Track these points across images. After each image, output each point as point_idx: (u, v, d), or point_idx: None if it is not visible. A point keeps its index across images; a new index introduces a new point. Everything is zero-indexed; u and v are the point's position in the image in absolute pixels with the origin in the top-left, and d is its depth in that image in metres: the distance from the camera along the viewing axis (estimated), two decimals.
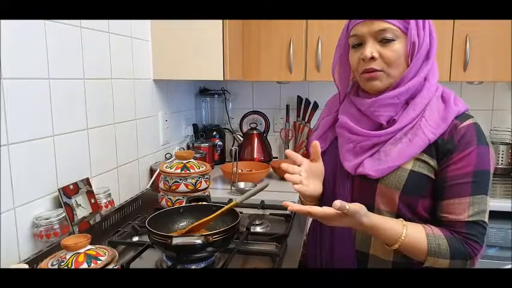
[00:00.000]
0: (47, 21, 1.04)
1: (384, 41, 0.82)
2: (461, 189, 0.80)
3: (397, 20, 0.81)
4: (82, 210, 1.13)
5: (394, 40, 0.82)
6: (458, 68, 1.74)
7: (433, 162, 0.82)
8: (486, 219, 0.81)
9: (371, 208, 0.85)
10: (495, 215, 1.54)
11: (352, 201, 0.86)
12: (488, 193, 0.81)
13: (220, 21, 1.57)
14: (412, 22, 0.82)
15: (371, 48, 0.82)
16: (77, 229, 1.08)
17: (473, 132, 0.81)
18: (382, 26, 0.82)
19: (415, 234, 0.80)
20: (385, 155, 0.84)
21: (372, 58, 0.82)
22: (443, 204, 0.82)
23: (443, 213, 0.82)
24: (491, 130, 2.02)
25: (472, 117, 0.84)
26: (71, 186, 1.11)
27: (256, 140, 2.16)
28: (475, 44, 1.71)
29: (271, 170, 1.89)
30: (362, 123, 0.88)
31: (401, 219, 0.82)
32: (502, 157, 1.94)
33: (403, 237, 0.79)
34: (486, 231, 0.80)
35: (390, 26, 0.81)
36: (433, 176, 0.83)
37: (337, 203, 0.72)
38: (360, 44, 0.85)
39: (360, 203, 0.85)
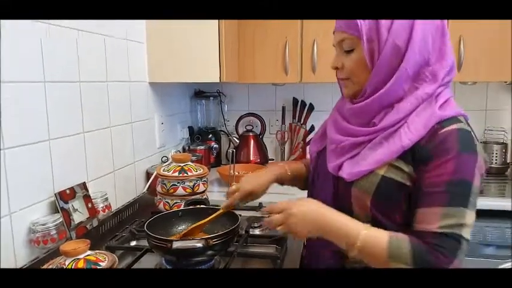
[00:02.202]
0: (42, 24, 1.02)
1: (346, 51, 0.84)
2: (434, 198, 0.75)
3: (353, 29, 0.80)
4: (79, 215, 1.11)
5: (353, 49, 0.82)
6: None
7: (408, 169, 0.78)
8: (465, 234, 0.73)
9: (349, 211, 0.85)
10: (491, 214, 1.56)
11: (333, 202, 0.87)
12: (469, 206, 0.74)
13: (216, 23, 1.57)
14: (365, 27, 0.79)
15: (335, 59, 0.87)
16: (74, 234, 1.07)
17: (455, 138, 0.75)
18: (341, 36, 0.84)
19: (377, 232, 0.77)
20: (362, 158, 0.83)
21: (337, 68, 0.86)
22: (416, 212, 0.77)
23: (415, 222, 0.77)
24: (485, 130, 2.04)
25: (461, 122, 0.78)
26: (68, 191, 1.10)
27: (252, 142, 2.15)
28: (468, 45, 1.72)
29: None
30: (351, 122, 0.89)
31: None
32: (496, 156, 1.96)
33: (363, 233, 0.75)
34: (462, 247, 0.73)
35: (347, 36, 0.82)
36: (408, 183, 0.79)
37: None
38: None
39: (340, 204, 0.86)
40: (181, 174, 1.30)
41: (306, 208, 0.82)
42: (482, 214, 1.56)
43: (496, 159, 1.97)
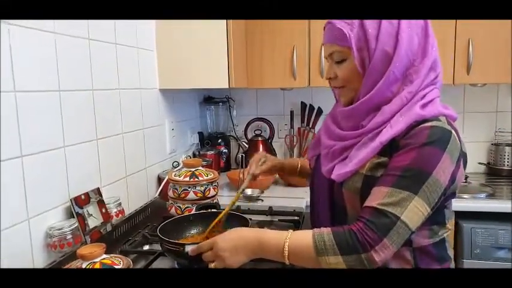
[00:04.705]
0: (56, 34, 1.06)
1: (337, 62, 0.87)
2: (386, 179, 0.77)
3: (343, 41, 0.83)
4: (93, 220, 1.13)
5: (344, 60, 0.85)
6: (462, 71, 1.76)
7: (386, 163, 0.81)
8: (403, 217, 0.73)
9: (344, 212, 0.87)
10: (503, 217, 1.56)
11: (330, 205, 0.91)
12: (419, 194, 0.74)
13: (225, 29, 1.59)
14: (354, 38, 0.81)
15: (328, 70, 0.90)
16: (89, 239, 1.09)
17: (425, 133, 0.77)
18: (330, 49, 0.87)
19: (301, 233, 0.79)
20: (349, 160, 0.85)
21: (330, 78, 0.90)
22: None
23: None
24: (495, 132, 2.03)
25: (440, 121, 0.79)
26: (83, 196, 1.12)
27: (261, 146, 2.17)
28: (477, 46, 1.72)
29: (277, 176, 1.90)
30: (343, 125, 0.92)
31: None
32: (508, 158, 1.95)
33: (287, 239, 0.78)
34: (396, 228, 0.73)
35: (336, 49, 0.85)
36: None
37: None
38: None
39: (336, 206, 0.90)
40: (192, 179, 1.32)
41: (233, 237, 0.84)
42: (494, 217, 1.57)
43: (507, 161, 1.95)
